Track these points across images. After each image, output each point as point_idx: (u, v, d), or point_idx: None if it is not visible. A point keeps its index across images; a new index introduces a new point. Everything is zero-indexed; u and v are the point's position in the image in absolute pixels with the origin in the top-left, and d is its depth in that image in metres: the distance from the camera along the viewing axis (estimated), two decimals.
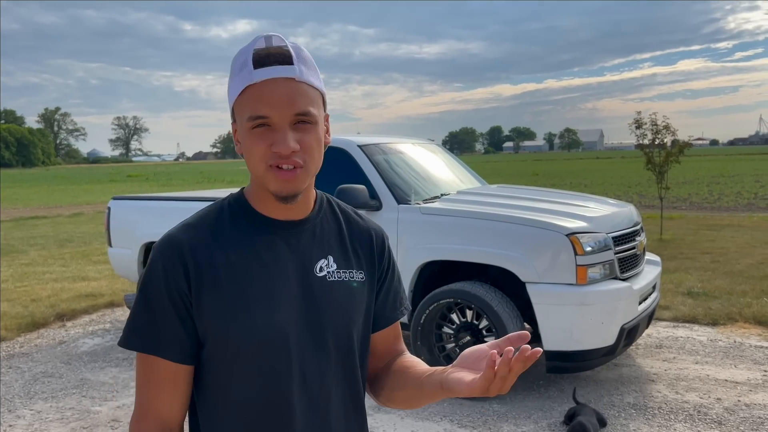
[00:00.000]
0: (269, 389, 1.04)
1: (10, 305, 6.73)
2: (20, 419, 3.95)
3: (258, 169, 1.02)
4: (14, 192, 33.08)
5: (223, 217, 1.09)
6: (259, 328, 1.03)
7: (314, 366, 1.08)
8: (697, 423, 3.67)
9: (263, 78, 0.99)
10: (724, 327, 5.54)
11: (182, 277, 1.03)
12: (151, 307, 1.04)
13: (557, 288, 3.86)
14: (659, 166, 10.58)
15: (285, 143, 0.99)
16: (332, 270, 1.11)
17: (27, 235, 13.55)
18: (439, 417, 3.85)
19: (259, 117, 0.99)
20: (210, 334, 1.04)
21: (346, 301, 1.12)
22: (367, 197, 4.42)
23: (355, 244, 1.17)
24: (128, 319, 1.07)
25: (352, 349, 1.13)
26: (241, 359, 1.03)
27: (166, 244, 1.06)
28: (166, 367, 1.04)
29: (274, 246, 1.07)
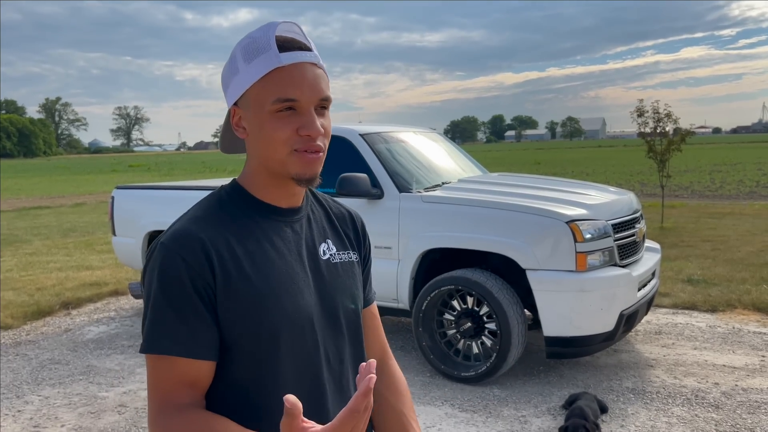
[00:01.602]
0: (303, 373, 1.05)
1: (15, 294, 6.80)
2: (29, 405, 4.02)
3: (279, 153, 1.01)
4: (16, 182, 33.14)
5: (228, 207, 1.07)
6: (289, 313, 1.03)
7: (333, 346, 1.10)
8: (695, 407, 3.72)
9: (292, 61, 0.99)
10: (723, 313, 5.59)
11: (207, 270, 0.99)
12: (175, 304, 0.98)
13: (557, 275, 3.91)
14: (660, 154, 10.59)
15: (314, 126, 1.00)
16: (333, 252, 1.15)
17: (30, 225, 13.61)
18: (441, 401, 3.91)
19: (288, 99, 0.98)
20: (239, 325, 1.01)
21: (350, 281, 1.16)
22: (369, 186, 4.45)
23: (343, 226, 1.21)
24: (150, 322, 1.00)
25: (360, 327, 1.17)
26: (275, 347, 1.02)
27: (183, 238, 1.00)
28: (199, 368, 1.00)
29: (283, 232, 1.08)
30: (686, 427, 3.48)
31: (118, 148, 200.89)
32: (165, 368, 0.99)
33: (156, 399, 1.00)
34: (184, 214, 1.08)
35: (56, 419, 3.80)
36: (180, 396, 1.00)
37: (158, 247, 1.02)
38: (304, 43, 1.03)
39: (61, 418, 3.80)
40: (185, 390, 1.00)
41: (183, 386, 1.00)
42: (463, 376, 4.15)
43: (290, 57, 0.99)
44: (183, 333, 0.98)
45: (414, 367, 4.50)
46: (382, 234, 4.50)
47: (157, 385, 1.00)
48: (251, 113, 1.02)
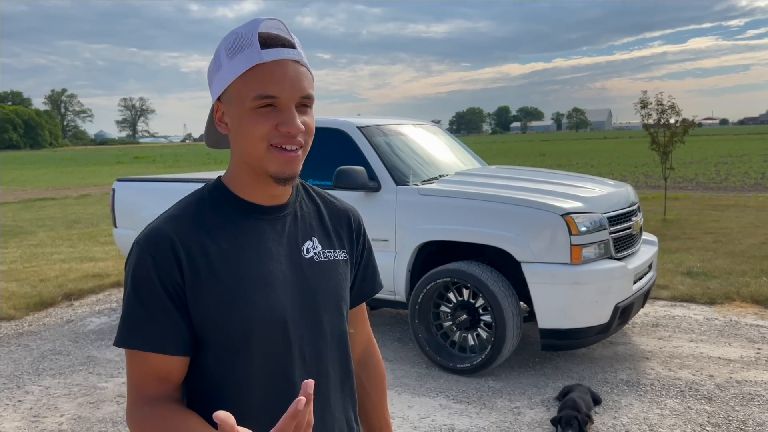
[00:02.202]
0: (272, 371, 1.06)
1: (19, 285, 6.87)
2: (29, 395, 4.08)
3: (257, 149, 1.01)
4: (22, 174, 33.30)
5: (206, 205, 1.08)
6: (260, 312, 1.04)
7: (312, 345, 1.10)
8: (688, 399, 3.74)
9: (273, 58, 0.99)
10: (722, 306, 5.59)
11: (175, 268, 1.01)
12: (145, 302, 1.02)
13: (552, 267, 3.92)
14: (663, 146, 10.56)
15: (294, 123, 1.00)
16: (318, 251, 1.14)
17: (35, 217, 13.70)
18: (436, 393, 3.94)
19: (268, 96, 0.99)
20: (210, 322, 1.03)
21: (335, 280, 1.15)
22: (366, 179, 4.47)
23: (335, 224, 1.20)
24: (122, 316, 1.04)
25: (344, 326, 1.17)
26: (244, 344, 1.03)
27: (153, 236, 1.03)
28: (169, 363, 1.03)
29: (262, 231, 1.08)
30: (678, 419, 3.50)
31: (123, 140, 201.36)
32: (137, 363, 1.03)
33: (131, 391, 1.04)
34: (164, 212, 1.10)
35: (56, 409, 3.85)
36: (152, 389, 1.03)
37: (134, 246, 1.05)
38: (287, 40, 1.03)
39: (60, 408, 3.86)
40: (157, 383, 1.04)
41: (154, 380, 1.04)
42: (458, 367, 4.18)
43: (272, 54, 1.00)
44: (152, 330, 1.01)
45: (410, 359, 4.53)
46: (379, 227, 4.53)
47: (132, 378, 1.04)
48: (233, 108, 1.03)
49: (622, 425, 3.45)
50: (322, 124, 5.05)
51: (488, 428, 3.46)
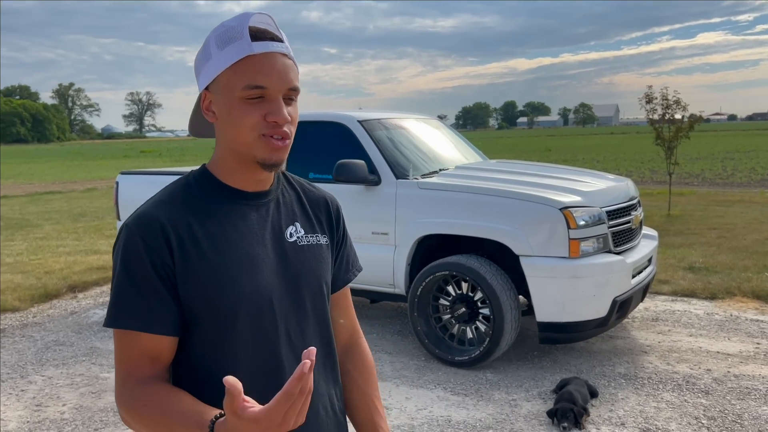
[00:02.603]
0: (260, 351, 1.09)
1: (24, 277, 6.93)
2: (32, 384, 4.13)
3: (247, 138, 1.05)
4: (30, 167, 33.49)
5: (192, 191, 1.12)
6: (247, 294, 1.07)
7: (296, 325, 1.14)
8: (685, 392, 3.76)
9: (263, 50, 1.03)
10: (722, 301, 5.59)
11: (165, 250, 1.04)
12: (136, 283, 1.04)
13: (550, 261, 3.94)
14: (668, 141, 10.52)
15: (281, 113, 1.04)
16: (301, 235, 1.18)
17: (42, 210, 13.80)
18: (433, 385, 3.97)
19: (258, 87, 1.02)
20: (199, 302, 1.06)
21: (317, 263, 1.19)
22: (366, 172, 4.49)
23: (315, 210, 1.25)
24: (113, 299, 1.06)
25: (326, 307, 1.21)
26: (232, 325, 1.06)
27: (143, 219, 1.06)
28: (160, 342, 1.05)
29: (247, 216, 1.12)
30: (674, 412, 3.51)
31: (130, 134, 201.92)
32: (128, 343, 1.05)
33: (120, 372, 1.06)
34: (151, 198, 1.13)
35: (58, 399, 3.90)
36: (142, 369, 1.05)
37: (123, 230, 1.07)
38: (275, 34, 1.07)
39: (62, 398, 3.91)
40: (147, 363, 1.06)
41: (144, 360, 1.06)
42: (457, 360, 4.21)
43: (262, 46, 1.03)
44: (143, 310, 1.04)
45: (409, 351, 4.56)
46: (378, 220, 4.55)
47: (121, 359, 1.06)
48: (221, 98, 1.06)
49: (618, 418, 3.47)
50: (323, 118, 5.07)
51: (484, 420, 3.48)
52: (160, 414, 0.99)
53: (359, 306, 5.79)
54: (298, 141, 5.08)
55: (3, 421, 3.61)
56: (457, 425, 3.43)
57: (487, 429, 3.38)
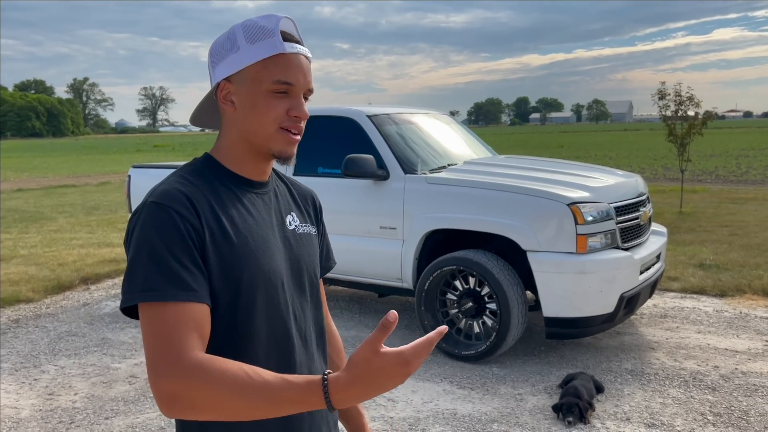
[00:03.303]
0: (276, 326, 1.15)
1: (38, 269, 7.03)
2: (45, 374, 4.20)
3: (268, 129, 1.12)
4: (45, 161, 33.83)
5: (206, 176, 1.15)
6: (265, 273, 1.13)
7: (299, 305, 1.22)
8: (691, 389, 3.75)
9: (293, 51, 1.12)
10: (732, 298, 5.56)
11: (198, 223, 1.05)
12: (177, 254, 1.01)
13: (557, 256, 3.94)
14: (681, 138, 10.45)
15: (303, 109, 1.13)
16: (297, 224, 1.26)
17: (56, 203, 13.96)
18: (440, 378, 3.99)
19: (287, 83, 1.10)
20: (222, 280, 1.07)
21: (312, 250, 1.28)
22: (375, 167, 4.52)
23: (303, 203, 1.34)
24: (145, 274, 1.00)
25: (319, 291, 1.29)
26: (253, 300, 1.11)
27: (171, 194, 1.06)
28: (205, 313, 1.02)
29: (256, 203, 1.19)
30: (680, 408, 3.52)
31: (144, 129, 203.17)
32: (171, 317, 0.98)
33: (157, 354, 0.95)
34: (164, 180, 1.13)
35: (70, 388, 3.97)
36: (193, 344, 0.97)
37: (148, 205, 1.05)
38: (299, 39, 1.16)
39: (74, 387, 3.98)
40: (196, 338, 0.99)
41: (193, 333, 0.98)
42: (463, 354, 4.23)
43: (292, 47, 1.12)
44: (187, 279, 1.01)
45: None
46: (387, 214, 4.57)
47: (160, 338, 0.96)
48: (245, 89, 1.12)
49: (624, 413, 3.47)
50: (332, 113, 5.10)
51: (490, 413, 3.51)
52: (251, 379, 0.92)
53: (367, 300, 5.82)
54: (308, 135, 5.11)
55: (16, 409, 3.68)
56: (462, 418, 3.45)
57: (492, 423, 3.40)
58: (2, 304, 5.83)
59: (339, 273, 4.87)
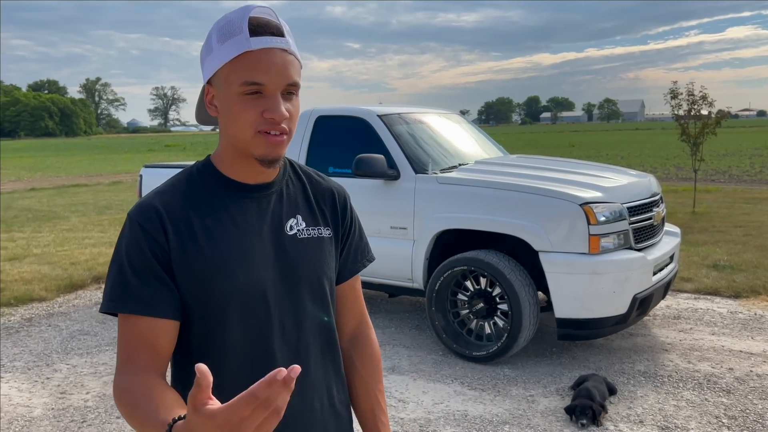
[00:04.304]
0: (250, 340, 1.10)
1: (51, 268, 7.08)
2: (57, 372, 4.23)
3: (245, 134, 1.06)
4: (57, 161, 34.10)
5: (194, 183, 1.13)
6: (240, 285, 1.09)
7: (292, 318, 1.15)
8: (705, 391, 3.71)
9: (261, 46, 1.03)
10: (747, 300, 5.50)
11: (162, 237, 1.06)
12: (136, 268, 1.05)
13: (570, 257, 3.91)
14: (694, 137, 10.36)
15: (279, 110, 1.04)
16: (302, 228, 1.19)
17: (69, 202, 14.06)
18: (450, 379, 3.97)
19: (255, 83, 1.02)
20: (191, 293, 1.08)
21: (317, 256, 1.19)
22: (385, 166, 4.50)
23: (320, 202, 1.24)
24: (112, 285, 1.07)
25: (326, 299, 1.21)
26: (224, 315, 1.08)
27: (143, 209, 1.08)
28: (158, 327, 1.05)
29: (246, 209, 1.13)
30: (694, 410, 3.48)
31: (155, 128, 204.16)
32: (128, 328, 1.05)
33: (119, 360, 1.05)
34: (153, 189, 1.14)
35: (82, 387, 3.99)
36: (140, 357, 1.04)
37: (127, 217, 1.11)
38: (276, 27, 1.06)
39: (86, 386, 3.99)
40: (144, 351, 1.04)
41: (142, 347, 1.04)
42: (474, 355, 4.21)
43: (260, 42, 1.03)
44: (143, 294, 1.05)
45: (427, 346, 4.57)
46: (397, 214, 4.56)
47: (121, 346, 1.05)
48: (221, 92, 1.07)
49: (637, 415, 3.44)
50: (343, 113, 5.10)
51: (501, 415, 3.48)
52: (136, 407, 0.97)
53: (378, 300, 5.81)
54: (319, 135, 5.11)
55: (29, 408, 3.70)
56: (473, 420, 3.43)
57: (503, 424, 3.38)
58: (15, 302, 5.88)
59: None
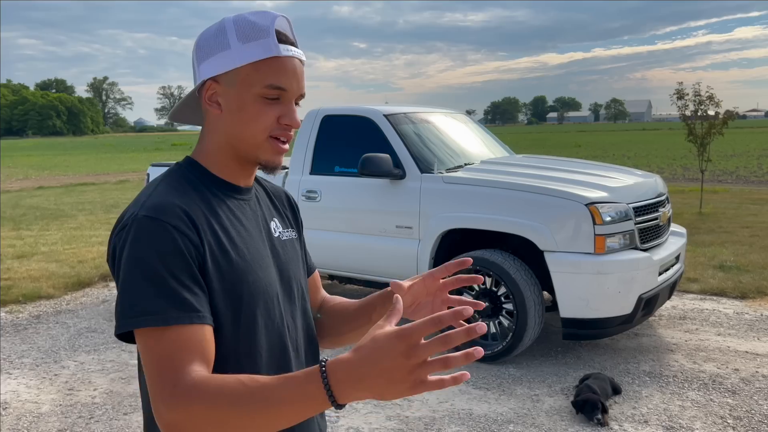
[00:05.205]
0: (275, 343, 1.09)
1: (58, 266, 7.13)
2: (65, 369, 4.26)
3: (257, 137, 1.04)
4: (65, 159, 34.27)
5: (192, 183, 1.07)
6: (262, 286, 1.07)
7: (291, 316, 1.15)
8: (711, 392, 3.71)
9: (288, 54, 1.04)
10: (753, 300, 5.49)
11: (196, 237, 0.98)
12: (175, 272, 0.94)
13: (575, 257, 3.92)
14: (701, 138, 10.33)
15: (295, 118, 1.06)
16: (281, 230, 1.19)
17: (76, 201, 14.13)
18: None
19: (279, 88, 1.03)
20: (220, 296, 1.01)
21: (296, 256, 1.21)
22: (391, 166, 4.52)
23: (280, 205, 1.25)
24: (140, 295, 0.93)
25: (306, 297, 1.23)
26: (253, 317, 1.05)
27: (166, 207, 0.98)
28: (209, 334, 0.96)
29: (245, 210, 1.11)
30: (699, 411, 3.47)
31: (162, 127, 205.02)
32: (172, 340, 0.91)
33: (165, 376, 0.90)
34: (151, 190, 1.04)
35: (89, 383, 4.02)
36: (192, 368, 0.91)
37: (141, 220, 0.97)
38: (293, 40, 1.08)
39: (94, 383, 4.03)
40: (198, 362, 0.92)
41: (194, 357, 0.92)
42: None
43: (287, 50, 1.04)
44: (190, 300, 0.94)
45: None
46: (403, 214, 4.57)
47: (165, 361, 0.90)
48: (234, 91, 1.04)
49: (642, 415, 3.44)
50: (349, 112, 5.11)
51: (506, 414, 3.49)
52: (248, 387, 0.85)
53: None
54: (325, 134, 5.12)
55: (37, 404, 3.73)
56: (478, 419, 3.44)
57: (508, 423, 3.39)
58: (24, 300, 5.92)
59: (355, 272, 4.88)
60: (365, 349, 0.81)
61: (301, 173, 5.11)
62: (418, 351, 0.79)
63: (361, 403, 3.65)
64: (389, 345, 0.79)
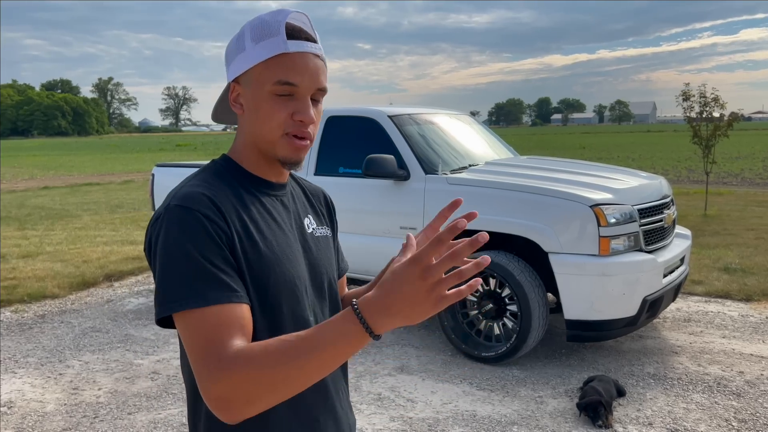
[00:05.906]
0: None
1: (63, 266, 7.15)
2: (70, 368, 4.27)
3: (273, 134, 1.07)
4: (70, 159, 34.38)
5: (225, 178, 1.11)
6: (289, 279, 1.09)
7: (320, 311, 1.17)
8: (715, 394, 3.70)
9: (297, 50, 1.05)
10: (758, 303, 5.47)
11: (225, 225, 1.02)
12: (209, 257, 0.98)
13: (579, 258, 3.91)
14: (706, 139, 10.30)
15: (308, 113, 1.06)
16: (315, 227, 1.22)
17: (81, 201, 14.18)
18: (459, 380, 3.98)
19: (289, 83, 1.04)
20: (247, 283, 1.03)
21: (329, 253, 1.23)
22: (395, 167, 4.52)
23: (317, 203, 1.29)
24: (186, 278, 0.97)
25: (337, 294, 1.25)
26: (278, 310, 1.07)
27: (196, 198, 1.02)
28: (243, 311, 0.99)
29: (276, 205, 1.14)
30: (704, 413, 3.46)
31: (166, 128, 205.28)
32: (213, 319, 0.95)
33: (211, 353, 0.93)
34: (184, 183, 1.09)
35: (94, 383, 4.03)
36: (236, 342, 0.94)
37: (172, 209, 1.01)
38: (310, 34, 1.09)
39: (98, 382, 4.04)
40: (239, 336, 0.96)
41: (236, 332, 0.96)
42: (483, 356, 4.21)
43: (296, 45, 1.05)
44: (227, 280, 0.99)
45: (436, 346, 4.58)
46: (407, 215, 4.57)
47: (210, 339, 0.94)
48: (250, 91, 1.08)
49: (646, 417, 3.43)
50: (353, 113, 5.12)
51: (510, 416, 3.49)
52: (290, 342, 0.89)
53: None
54: (329, 135, 5.13)
55: (41, 403, 3.75)
56: (482, 420, 3.44)
57: (512, 425, 3.38)
58: (29, 299, 5.94)
59: (359, 273, 4.87)
60: (387, 282, 0.87)
61: (305, 174, 5.12)
62: (432, 270, 0.84)
63: (365, 404, 3.65)
64: (406, 272, 0.86)
